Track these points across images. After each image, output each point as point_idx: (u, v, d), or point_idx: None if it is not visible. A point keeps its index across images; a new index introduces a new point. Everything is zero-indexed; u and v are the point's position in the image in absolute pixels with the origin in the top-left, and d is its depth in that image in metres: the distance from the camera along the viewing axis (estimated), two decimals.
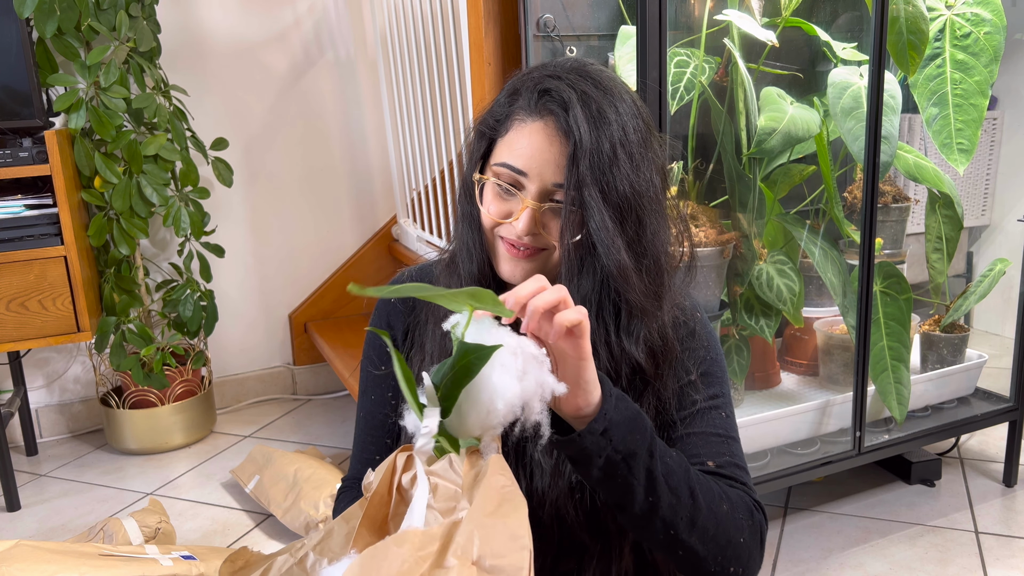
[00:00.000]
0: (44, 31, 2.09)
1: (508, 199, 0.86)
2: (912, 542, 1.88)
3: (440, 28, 2.14)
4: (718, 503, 0.83)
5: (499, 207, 0.87)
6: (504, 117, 0.87)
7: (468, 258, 0.92)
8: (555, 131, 0.83)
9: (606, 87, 0.84)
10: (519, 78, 0.88)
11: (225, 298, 2.73)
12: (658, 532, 0.81)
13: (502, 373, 0.69)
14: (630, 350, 0.86)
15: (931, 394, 2.08)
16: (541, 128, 0.83)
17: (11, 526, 2.10)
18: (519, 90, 0.86)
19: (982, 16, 1.80)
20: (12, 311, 2.11)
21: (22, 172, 2.06)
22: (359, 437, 1.03)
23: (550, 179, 0.83)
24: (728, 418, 0.93)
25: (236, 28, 2.63)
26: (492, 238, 0.90)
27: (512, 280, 0.89)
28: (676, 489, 0.80)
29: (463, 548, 0.59)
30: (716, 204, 1.82)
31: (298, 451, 2.26)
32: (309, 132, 2.79)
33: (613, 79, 0.86)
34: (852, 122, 1.75)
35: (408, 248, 2.74)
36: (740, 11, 1.66)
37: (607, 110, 0.82)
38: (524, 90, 0.86)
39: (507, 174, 0.85)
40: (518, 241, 0.86)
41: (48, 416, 2.61)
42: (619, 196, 0.82)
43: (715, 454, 0.90)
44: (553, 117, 0.82)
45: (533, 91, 0.84)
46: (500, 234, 0.88)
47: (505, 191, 0.86)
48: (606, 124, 0.81)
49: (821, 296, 2.04)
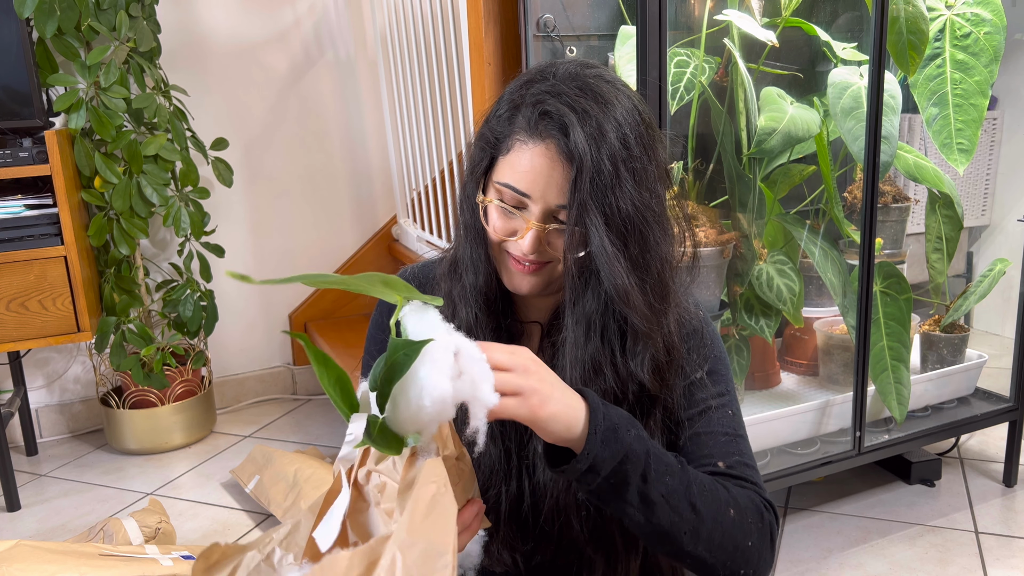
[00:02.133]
0: (44, 31, 2.09)
1: (512, 217, 0.86)
2: (912, 542, 1.88)
3: (440, 28, 2.14)
4: (724, 511, 0.83)
5: (504, 224, 0.87)
6: (505, 135, 0.86)
7: (473, 270, 0.91)
8: (556, 154, 0.82)
9: (606, 99, 0.82)
10: (519, 90, 0.86)
11: (225, 298, 2.73)
12: (660, 544, 0.82)
13: (431, 369, 0.67)
14: (636, 371, 0.87)
15: (931, 394, 2.08)
16: (543, 151, 0.82)
17: (11, 526, 2.10)
18: (519, 106, 0.85)
19: (982, 16, 1.80)
20: (12, 311, 2.11)
21: (22, 172, 2.06)
22: None
23: (553, 201, 0.83)
24: (735, 415, 0.93)
25: (236, 28, 2.63)
26: (498, 252, 0.90)
27: (519, 292, 0.90)
28: (676, 507, 0.80)
29: (386, 571, 0.59)
30: (716, 204, 1.82)
31: (298, 451, 2.26)
32: (309, 132, 2.79)
33: (613, 83, 0.85)
34: (852, 122, 1.75)
35: (408, 248, 2.74)
36: (740, 11, 1.66)
37: (607, 127, 0.81)
38: (524, 107, 0.84)
39: (510, 194, 0.85)
40: (523, 258, 0.87)
41: (48, 416, 2.61)
42: (622, 217, 0.82)
43: (725, 454, 0.90)
44: (554, 141, 0.82)
45: (533, 111, 0.83)
46: (506, 249, 0.88)
47: (509, 211, 0.86)
48: (606, 143, 0.81)
49: (821, 296, 2.04)
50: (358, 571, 0.60)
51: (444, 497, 0.64)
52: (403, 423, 0.69)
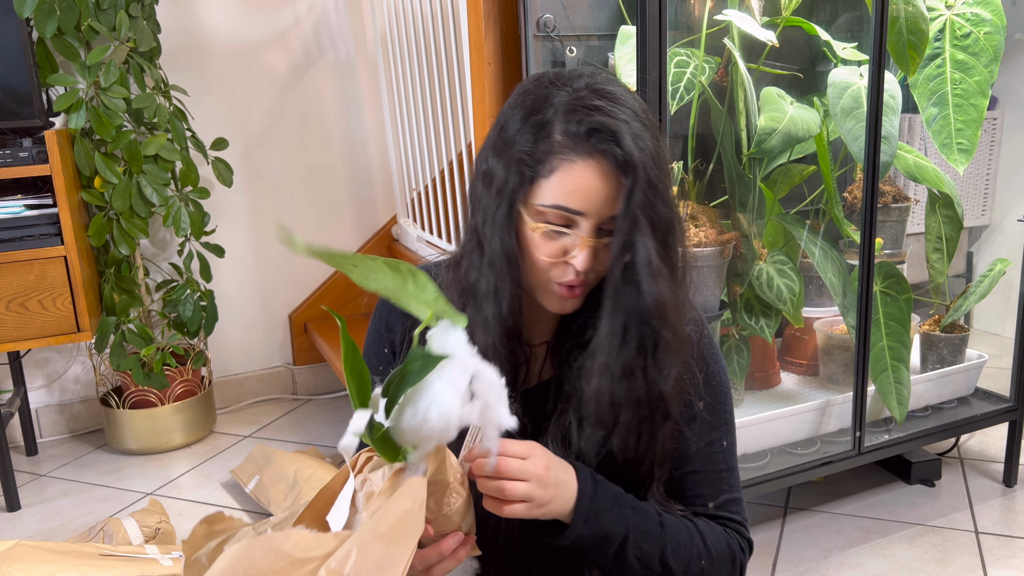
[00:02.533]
0: (44, 31, 2.09)
1: (559, 238, 0.84)
2: (912, 542, 1.88)
3: (440, 28, 2.14)
4: (696, 563, 0.91)
5: (551, 247, 0.84)
6: (544, 155, 0.82)
7: (495, 300, 0.87)
8: (608, 168, 0.80)
9: (630, 105, 0.82)
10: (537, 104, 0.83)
11: (225, 298, 2.73)
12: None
13: (445, 385, 0.68)
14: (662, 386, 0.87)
15: (931, 394, 2.08)
16: (593, 166, 0.80)
17: (11, 526, 2.10)
18: (550, 122, 0.82)
19: (982, 16, 1.80)
20: (12, 311, 2.11)
21: (22, 172, 2.06)
22: None
23: (606, 214, 0.82)
24: (729, 446, 0.97)
25: (236, 28, 2.63)
26: (542, 276, 0.86)
27: (562, 312, 0.89)
28: (649, 565, 0.89)
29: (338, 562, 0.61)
30: (716, 204, 1.82)
31: (298, 451, 2.26)
32: (309, 132, 2.79)
33: (622, 87, 0.85)
34: (852, 122, 1.75)
35: (408, 248, 2.74)
36: (740, 11, 1.66)
37: (644, 134, 0.81)
38: (556, 122, 0.81)
39: (558, 215, 0.82)
40: (575, 280, 0.85)
41: (48, 416, 2.61)
42: (662, 223, 0.82)
43: (715, 492, 0.96)
44: (603, 155, 0.80)
45: (577, 127, 0.81)
46: (551, 271, 0.86)
47: (556, 232, 0.83)
48: (647, 150, 0.81)
49: (821, 296, 2.04)
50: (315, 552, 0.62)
51: (415, 517, 0.65)
52: (405, 432, 0.70)
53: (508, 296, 0.86)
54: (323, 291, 2.89)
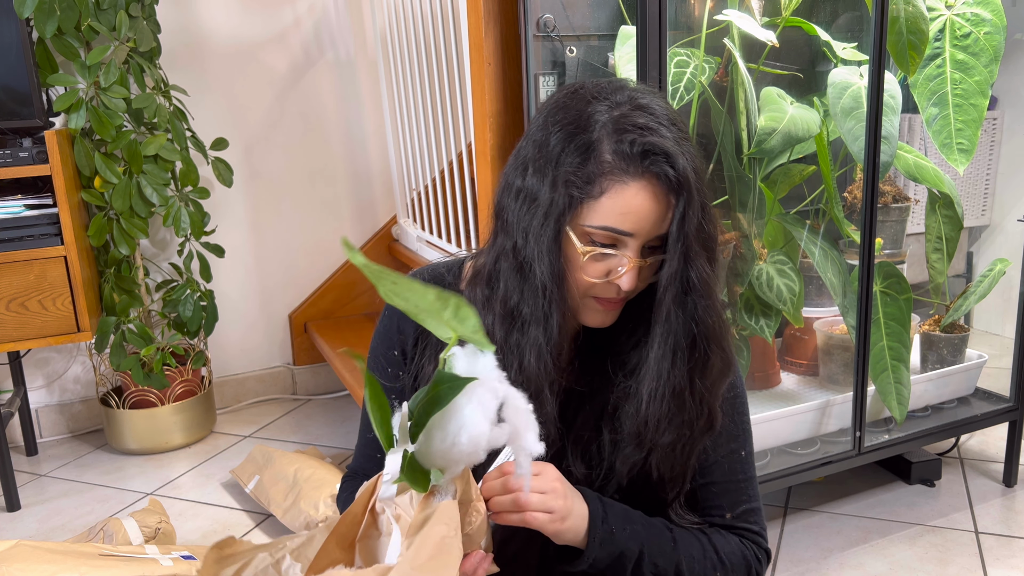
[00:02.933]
0: (44, 31, 2.09)
1: (606, 259, 0.83)
2: (912, 542, 1.88)
3: (440, 28, 2.14)
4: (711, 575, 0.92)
5: (595, 268, 0.83)
6: (594, 176, 0.80)
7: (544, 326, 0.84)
8: (659, 189, 0.80)
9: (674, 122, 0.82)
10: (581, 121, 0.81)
11: (225, 298, 2.73)
12: None
13: (475, 409, 0.68)
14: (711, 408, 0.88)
15: (931, 394, 2.08)
16: (645, 187, 0.80)
17: (11, 526, 2.10)
18: (596, 142, 0.80)
19: (982, 16, 1.80)
20: (12, 311, 2.11)
21: (22, 172, 2.06)
22: (363, 429, 1.04)
23: (653, 234, 0.82)
24: (747, 456, 0.98)
25: (236, 28, 2.63)
26: (581, 294, 0.86)
27: (599, 326, 0.89)
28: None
29: None
30: (716, 204, 1.82)
31: (298, 451, 2.26)
32: (309, 132, 2.79)
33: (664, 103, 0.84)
34: (852, 122, 1.75)
35: (408, 248, 2.74)
36: (740, 11, 1.66)
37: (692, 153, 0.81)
38: (605, 141, 0.80)
39: (606, 235, 0.81)
40: (617, 297, 0.85)
41: (48, 416, 2.61)
42: (711, 243, 0.82)
43: (733, 503, 0.97)
44: (655, 177, 0.79)
45: (628, 147, 0.79)
46: (593, 294, 0.86)
47: (603, 252, 0.83)
48: (697, 171, 0.81)
49: (821, 296, 2.04)
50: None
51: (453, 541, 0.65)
52: (433, 456, 0.69)
53: (557, 320, 0.84)
54: (323, 291, 2.89)
